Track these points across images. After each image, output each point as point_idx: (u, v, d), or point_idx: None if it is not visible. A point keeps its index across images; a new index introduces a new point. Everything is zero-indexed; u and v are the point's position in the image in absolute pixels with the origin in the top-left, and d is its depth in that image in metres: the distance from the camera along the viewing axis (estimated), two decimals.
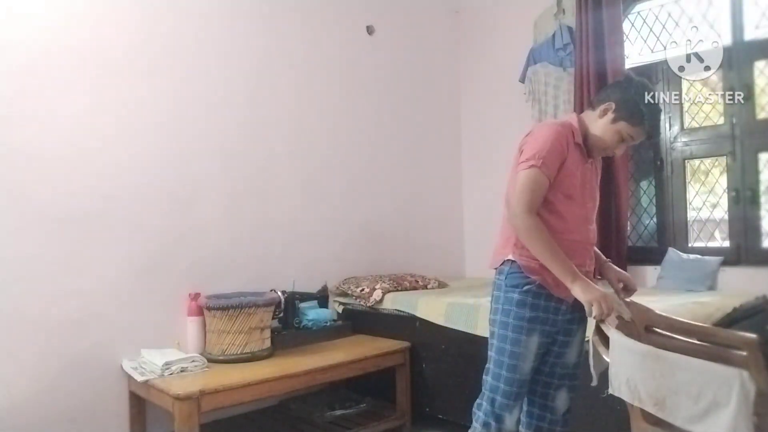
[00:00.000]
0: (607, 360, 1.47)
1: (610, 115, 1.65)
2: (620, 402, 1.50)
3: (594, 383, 1.57)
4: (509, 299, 1.64)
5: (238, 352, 2.44)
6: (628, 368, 1.37)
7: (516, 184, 1.60)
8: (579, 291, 1.52)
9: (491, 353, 1.68)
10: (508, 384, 1.62)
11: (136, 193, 2.49)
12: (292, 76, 3.11)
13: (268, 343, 2.56)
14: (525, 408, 1.75)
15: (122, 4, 2.49)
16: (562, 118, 1.79)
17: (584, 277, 1.55)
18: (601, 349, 1.52)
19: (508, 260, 1.67)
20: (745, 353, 1.34)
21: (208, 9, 2.78)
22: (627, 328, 1.54)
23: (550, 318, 1.63)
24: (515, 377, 1.62)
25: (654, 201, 3.22)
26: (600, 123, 1.67)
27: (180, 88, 2.65)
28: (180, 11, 2.67)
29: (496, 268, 1.73)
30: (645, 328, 1.62)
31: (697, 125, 3.03)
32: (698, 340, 1.51)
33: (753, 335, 1.45)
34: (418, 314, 2.76)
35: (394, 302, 2.93)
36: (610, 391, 1.47)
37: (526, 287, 1.62)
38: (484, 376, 1.70)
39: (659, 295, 2.61)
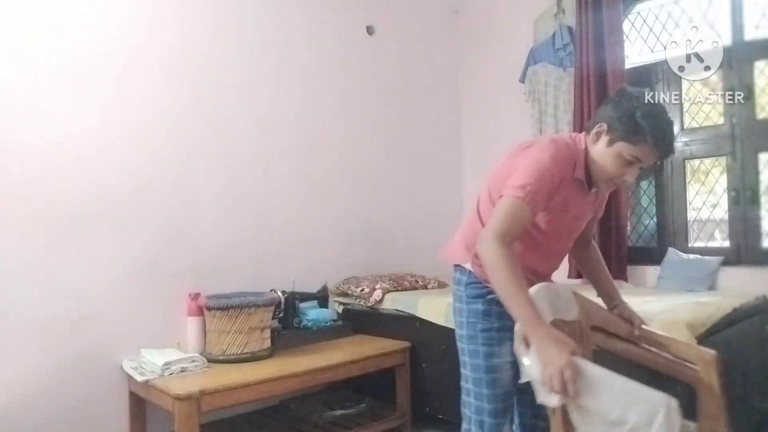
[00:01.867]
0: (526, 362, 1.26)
1: (604, 138, 1.42)
2: None
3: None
4: (473, 311, 1.54)
5: (238, 352, 2.44)
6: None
7: (497, 208, 1.39)
8: (539, 346, 1.22)
9: (466, 372, 1.56)
10: (493, 401, 1.51)
11: (136, 193, 2.49)
12: (292, 75, 3.10)
13: (268, 343, 2.56)
14: (516, 420, 1.67)
15: (123, 5, 2.49)
16: (571, 138, 1.51)
17: (551, 330, 1.26)
18: (523, 354, 1.28)
19: (465, 269, 1.57)
20: (698, 369, 1.22)
21: (207, 9, 2.78)
22: (570, 327, 1.41)
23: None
24: (498, 392, 1.51)
25: (654, 201, 3.21)
26: (596, 150, 1.44)
27: (180, 87, 2.65)
28: (179, 12, 2.67)
29: (454, 269, 1.62)
30: (592, 327, 1.50)
31: (697, 125, 3.03)
32: (655, 349, 1.40)
33: (712, 351, 1.30)
34: (418, 314, 2.76)
35: (394, 302, 2.93)
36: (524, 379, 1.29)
37: (489, 296, 1.50)
38: (464, 397, 1.57)
39: (659, 295, 2.61)
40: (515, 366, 1.46)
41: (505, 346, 1.49)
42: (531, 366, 1.22)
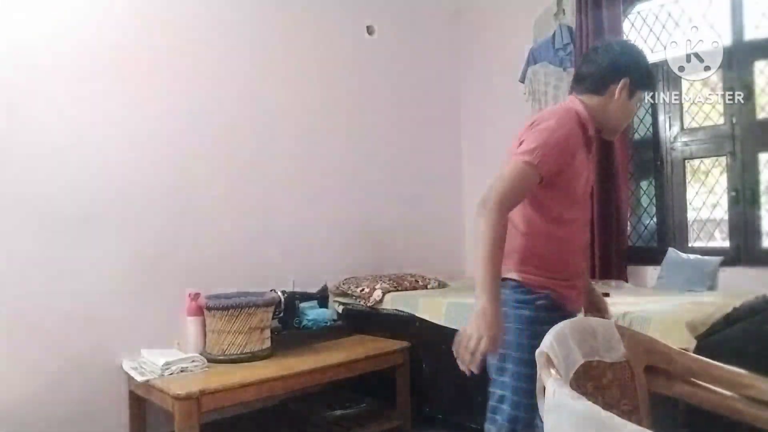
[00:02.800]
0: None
1: (626, 91, 1.50)
2: None
3: None
4: (520, 317, 1.45)
5: (238, 352, 2.44)
6: None
7: (503, 171, 1.39)
8: (480, 313, 1.27)
9: (504, 379, 1.46)
10: (529, 411, 1.42)
11: (136, 193, 2.49)
12: (292, 75, 3.10)
13: (268, 343, 2.56)
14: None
15: (125, 5, 2.49)
16: (563, 106, 1.56)
17: (497, 312, 1.28)
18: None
19: (509, 279, 1.49)
20: None
21: (208, 8, 2.78)
22: (615, 370, 1.18)
23: None
24: (534, 402, 1.42)
25: (654, 201, 3.21)
26: (618, 104, 1.50)
27: (179, 87, 2.65)
28: (179, 11, 2.67)
29: None
30: (645, 369, 1.24)
31: (697, 125, 3.03)
32: (726, 390, 1.14)
33: None
34: (418, 314, 2.76)
35: (394, 302, 2.93)
36: None
37: (538, 302, 1.45)
38: (494, 404, 1.47)
39: (659, 295, 2.61)
40: None
41: None
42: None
